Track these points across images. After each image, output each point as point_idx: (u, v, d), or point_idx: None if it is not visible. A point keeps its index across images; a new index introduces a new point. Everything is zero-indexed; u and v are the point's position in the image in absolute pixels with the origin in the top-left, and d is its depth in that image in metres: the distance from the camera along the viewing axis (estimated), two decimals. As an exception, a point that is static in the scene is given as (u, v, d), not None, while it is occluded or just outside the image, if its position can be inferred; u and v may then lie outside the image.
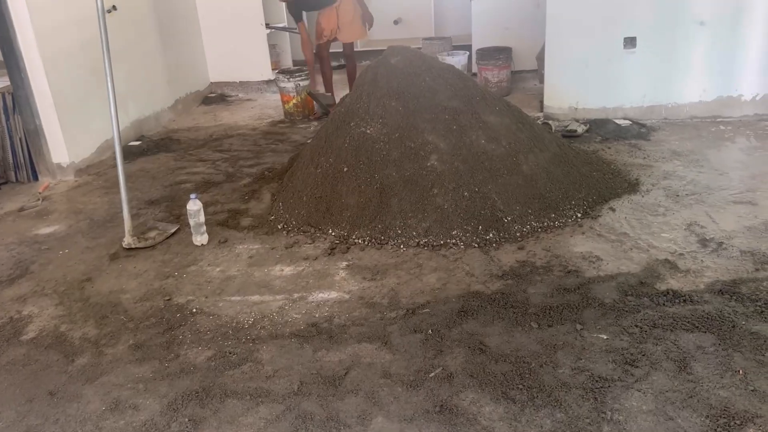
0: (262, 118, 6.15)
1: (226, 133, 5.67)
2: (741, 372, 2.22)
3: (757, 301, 2.61)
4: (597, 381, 2.24)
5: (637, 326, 2.52)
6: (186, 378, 2.45)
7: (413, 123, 3.72)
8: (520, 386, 2.25)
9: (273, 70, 6.89)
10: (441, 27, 7.99)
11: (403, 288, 2.95)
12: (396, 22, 8.31)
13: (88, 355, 2.65)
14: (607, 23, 4.81)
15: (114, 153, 5.11)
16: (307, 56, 6.00)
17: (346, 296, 2.92)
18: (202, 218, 3.50)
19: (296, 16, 5.84)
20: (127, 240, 3.55)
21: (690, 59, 4.79)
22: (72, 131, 4.66)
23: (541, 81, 5.66)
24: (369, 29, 5.99)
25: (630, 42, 4.83)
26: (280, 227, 3.65)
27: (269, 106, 6.54)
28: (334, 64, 8.37)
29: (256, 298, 2.97)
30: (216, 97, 6.95)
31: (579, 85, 5.01)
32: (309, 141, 4.48)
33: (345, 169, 3.70)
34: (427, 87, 3.83)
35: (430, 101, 3.78)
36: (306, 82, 5.93)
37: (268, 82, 6.92)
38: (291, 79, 5.83)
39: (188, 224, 3.55)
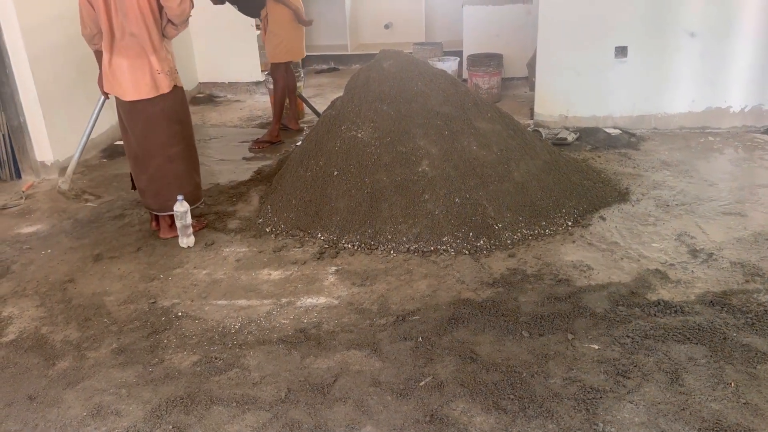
0: (251, 119, 6.09)
1: (213, 134, 5.60)
2: (733, 384, 2.21)
3: (747, 313, 2.61)
4: (589, 392, 2.22)
5: (628, 336, 2.50)
6: (170, 383, 2.39)
7: (405, 128, 3.69)
8: (512, 396, 2.22)
9: (263, 71, 6.83)
10: (432, 32, 7.98)
11: (393, 294, 2.92)
12: (387, 27, 8.29)
13: (69, 358, 2.58)
14: (599, 32, 4.82)
15: (99, 152, 5.06)
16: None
17: (335, 302, 2.88)
18: (189, 220, 3.44)
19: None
20: (62, 185, 3.91)
21: (680, 70, 4.81)
22: (57, 129, 4.58)
23: (532, 88, 5.66)
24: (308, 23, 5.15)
25: (621, 51, 4.84)
26: (268, 230, 3.60)
27: (258, 108, 6.48)
28: (323, 66, 8.39)
29: (243, 302, 2.92)
30: (204, 97, 6.87)
31: (570, 93, 5.01)
32: (298, 144, 4.43)
33: (335, 173, 3.66)
34: (419, 92, 3.81)
35: (422, 106, 3.76)
36: (297, 84, 5.87)
37: (258, 83, 6.86)
38: (281, 81, 5.77)
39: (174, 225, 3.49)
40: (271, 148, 5.08)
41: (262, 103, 6.60)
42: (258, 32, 6.83)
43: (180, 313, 2.85)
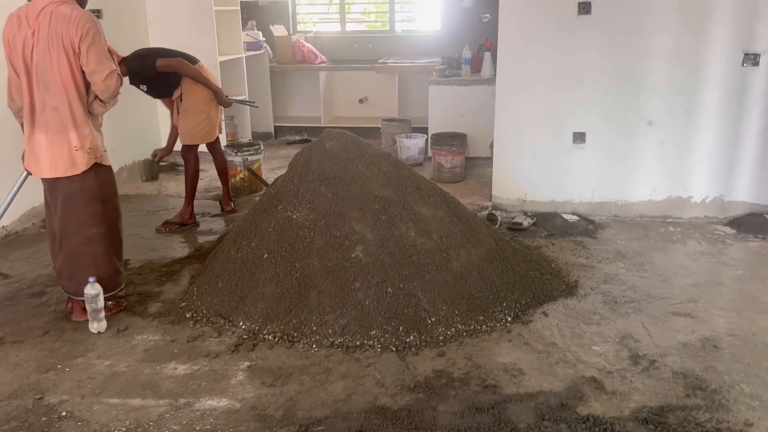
0: (208, 190, 5.94)
1: (165, 204, 5.44)
2: None
3: (683, 435, 2.37)
4: None
5: (548, 460, 2.25)
6: (26, 502, 2.11)
7: (341, 210, 3.52)
8: None
9: (229, 141, 6.74)
10: (404, 108, 7.97)
11: (303, 398, 2.66)
12: (361, 101, 8.30)
13: (-76, 465, 2.31)
14: (556, 117, 4.74)
15: (40, 222, 4.86)
16: None
17: (237, 405, 2.62)
18: (100, 304, 3.20)
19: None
20: None
21: (640, 157, 4.71)
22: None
23: (495, 169, 5.54)
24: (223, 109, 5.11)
25: (579, 137, 4.75)
26: (188, 316, 3.36)
27: (218, 179, 6.33)
28: (295, 137, 8.34)
29: (137, 401, 2.65)
30: (167, 166, 6.74)
31: (527, 177, 4.89)
32: (237, 222, 4.25)
33: (265, 255, 3.47)
34: (359, 174, 3.66)
35: (360, 189, 3.60)
36: (255, 157, 5.77)
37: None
38: (239, 154, 5.68)
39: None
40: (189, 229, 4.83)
41: (223, 174, 6.46)
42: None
43: (64, 413, 2.58)
